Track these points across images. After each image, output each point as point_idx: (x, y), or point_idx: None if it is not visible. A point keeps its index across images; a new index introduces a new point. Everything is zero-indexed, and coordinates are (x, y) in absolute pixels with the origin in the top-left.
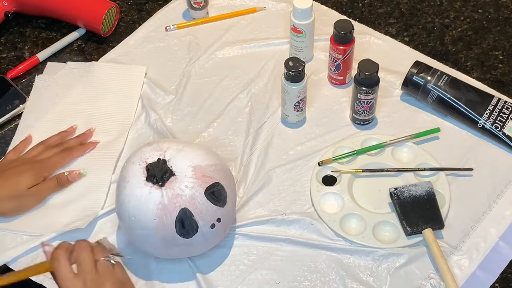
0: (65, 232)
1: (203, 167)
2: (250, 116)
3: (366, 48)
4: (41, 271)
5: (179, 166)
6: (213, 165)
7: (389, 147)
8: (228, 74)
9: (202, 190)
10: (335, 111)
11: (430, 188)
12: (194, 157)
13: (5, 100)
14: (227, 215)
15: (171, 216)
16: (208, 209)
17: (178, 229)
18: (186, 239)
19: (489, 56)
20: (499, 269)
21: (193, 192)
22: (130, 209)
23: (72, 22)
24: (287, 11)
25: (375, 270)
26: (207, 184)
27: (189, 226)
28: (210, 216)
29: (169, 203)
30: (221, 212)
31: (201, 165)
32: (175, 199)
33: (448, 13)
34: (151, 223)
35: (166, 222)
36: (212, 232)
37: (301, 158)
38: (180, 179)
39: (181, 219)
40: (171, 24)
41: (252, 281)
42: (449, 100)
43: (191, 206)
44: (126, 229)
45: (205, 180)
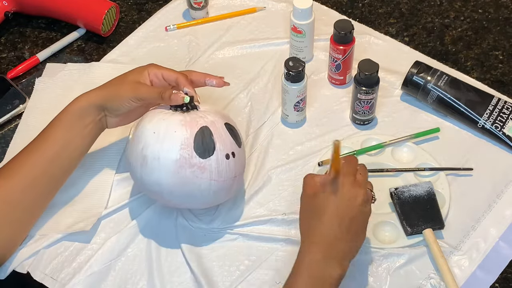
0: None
1: (224, 113)
2: (250, 116)
3: (366, 48)
4: None
5: (202, 107)
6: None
7: (389, 147)
8: (228, 74)
9: (222, 122)
10: (335, 111)
11: (430, 188)
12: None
13: (5, 100)
14: (240, 162)
15: (191, 131)
16: (226, 137)
17: (196, 145)
18: (202, 159)
19: (489, 56)
20: (499, 269)
21: (215, 119)
22: (150, 127)
23: (72, 22)
24: (287, 11)
25: (375, 270)
26: (227, 121)
27: (207, 145)
28: (227, 145)
29: (191, 121)
30: (237, 150)
31: (223, 112)
32: (197, 119)
33: (448, 13)
34: (170, 137)
35: (186, 136)
36: (225, 165)
37: (301, 158)
38: (202, 113)
39: (201, 134)
40: (171, 24)
41: (252, 281)
42: (449, 100)
43: (212, 127)
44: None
45: (226, 118)
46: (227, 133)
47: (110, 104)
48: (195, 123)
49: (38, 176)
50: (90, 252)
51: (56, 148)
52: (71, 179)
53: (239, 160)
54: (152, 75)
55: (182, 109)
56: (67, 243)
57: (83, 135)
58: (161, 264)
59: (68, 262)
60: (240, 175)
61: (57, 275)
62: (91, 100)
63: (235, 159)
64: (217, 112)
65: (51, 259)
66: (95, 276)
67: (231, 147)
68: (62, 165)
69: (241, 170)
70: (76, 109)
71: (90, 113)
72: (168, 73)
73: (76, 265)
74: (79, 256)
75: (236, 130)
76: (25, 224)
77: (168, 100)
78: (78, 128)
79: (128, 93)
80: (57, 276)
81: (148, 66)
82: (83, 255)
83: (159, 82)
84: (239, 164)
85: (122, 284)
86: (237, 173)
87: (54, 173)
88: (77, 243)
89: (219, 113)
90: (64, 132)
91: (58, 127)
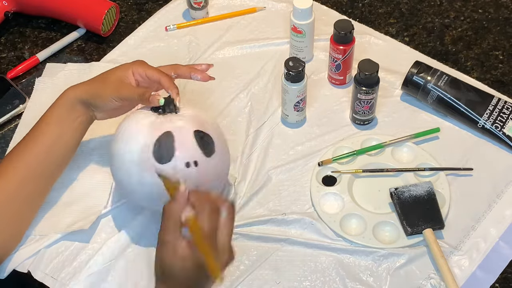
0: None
1: (204, 119)
2: (250, 116)
3: (366, 48)
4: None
5: (183, 110)
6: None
7: (389, 147)
8: (228, 74)
9: (193, 128)
10: (335, 111)
11: (430, 188)
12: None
13: (5, 100)
14: (205, 172)
15: (154, 135)
16: (190, 145)
17: (155, 149)
18: (159, 164)
19: (489, 56)
20: (499, 269)
21: (185, 125)
22: (124, 126)
23: (72, 22)
24: (287, 11)
25: (375, 270)
26: (200, 128)
27: (166, 150)
28: (189, 153)
29: (159, 124)
30: (202, 160)
31: (204, 118)
32: (166, 123)
33: (448, 13)
34: (135, 138)
35: (148, 139)
36: (185, 174)
37: (301, 158)
38: (176, 116)
39: (162, 139)
40: (171, 24)
41: (252, 281)
42: (449, 100)
43: (176, 133)
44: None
45: (200, 124)
46: (193, 141)
47: (93, 101)
48: (161, 127)
49: (33, 170)
50: (90, 251)
51: (49, 142)
52: (71, 179)
53: (204, 170)
54: (136, 75)
55: (158, 111)
56: (67, 242)
57: (74, 128)
58: None
59: (68, 262)
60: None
61: (58, 275)
62: (78, 95)
63: (198, 169)
64: (194, 117)
65: (51, 258)
66: (95, 275)
67: (194, 156)
68: (56, 158)
69: (207, 179)
70: (64, 102)
71: (78, 107)
72: (152, 73)
73: (76, 265)
74: (79, 255)
75: (209, 138)
76: (24, 219)
77: (147, 101)
78: (68, 121)
79: (111, 92)
80: (58, 275)
81: (133, 64)
82: (83, 255)
83: (144, 81)
84: (204, 174)
85: (122, 284)
86: (200, 183)
87: (49, 167)
88: (77, 243)
89: (196, 118)
90: (56, 125)
91: (49, 121)
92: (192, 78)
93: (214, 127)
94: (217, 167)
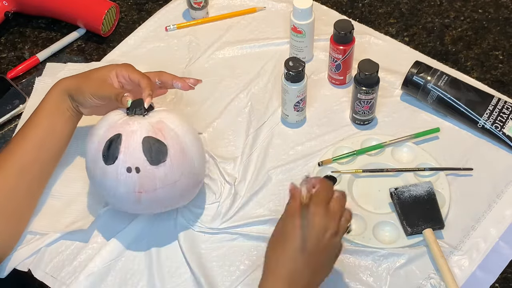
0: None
1: (168, 126)
2: (250, 116)
3: (366, 48)
4: None
5: (155, 114)
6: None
7: (389, 147)
8: (228, 74)
9: (144, 134)
10: (335, 111)
11: (430, 188)
12: (174, 120)
13: (5, 100)
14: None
15: (107, 135)
16: (135, 151)
17: (104, 149)
18: (105, 165)
19: (489, 56)
20: (499, 269)
21: (139, 129)
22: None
23: (72, 22)
24: (287, 11)
25: (375, 270)
26: (154, 136)
27: (112, 152)
28: (132, 158)
29: (119, 125)
30: (146, 168)
31: (169, 125)
32: (124, 125)
33: (448, 13)
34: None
35: (102, 138)
36: (125, 177)
37: (301, 158)
38: (139, 119)
39: (111, 140)
40: (171, 24)
41: (252, 281)
42: (449, 100)
43: (125, 137)
44: None
45: (157, 131)
46: (139, 147)
47: (75, 96)
48: (117, 128)
49: (28, 163)
50: (90, 251)
51: (42, 134)
52: (71, 178)
53: (148, 177)
54: (120, 77)
55: (127, 112)
56: (68, 242)
57: (65, 120)
58: (161, 264)
59: (69, 261)
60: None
61: (58, 274)
62: (64, 87)
63: (140, 175)
64: (157, 122)
65: (52, 257)
66: (95, 275)
67: (137, 162)
68: (50, 150)
69: (151, 187)
70: (55, 95)
71: (66, 99)
72: (134, 75)
73: (76, 264)
74: (79, 255)
75: (162, 147)
76: (22, 214)
77: (120, 102)
78: (59, 113)
79: (90, 89)
80: (58, 274)
81: (119, 66)
82: (83, 254)
83: (127, 83)
84: (149, 181)
85: (122, 284)
86: (142, 189)
87: (44, 159)
88: (78, 242)
89: (157, 124)
90: (48, 118)
91: (41, 114)
92: (174, 86)
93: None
94: (167, 176)
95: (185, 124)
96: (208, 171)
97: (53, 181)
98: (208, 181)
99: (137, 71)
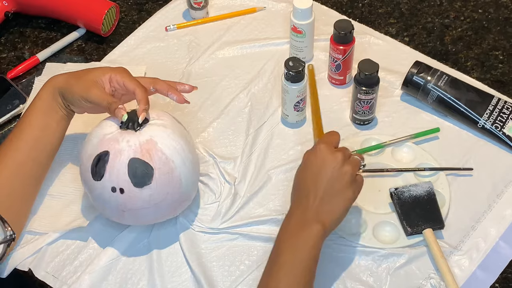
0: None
1: (156, 147)
2: (250, 116)
3: (366, 48)
4: None
5: (147, 131)
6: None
7: (389, 147)
8: (228, 74)
9: (131, 155)
10: (335, 111)
11: (430, 188)
12: (164, 137)
13: (5, 100)
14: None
15: (98, 149)
16: (120, 171)
17: (93, 164)
18: (93, 179)
19: (489, 56)
20: (499, 269)
21: (126, 149)
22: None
23: (72, 22)
24: (287, 11)
25: (375, 270)
26: (141, 158)
27: (99, 169)
28: (117, 179)
29: (110, 140)
30: (130, 189)
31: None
32: (113, 142)
33: (448, 13)
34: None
35: (93, 151)
36: (109, 196)
37: (301, 158)
38: (132, 136)
39: (99, 157)
40: (171, 24)
41: (252, 281)
42: (449, 100)
43: (113, 155)
44: None
45: (145, 152)
46: (125, 169)
47: (65, 95)
48: (107, 143)
49: (23, 162)
50: (91, 251)
51: (36, 132)
52: (70, 178)
53: (132, 198)
54: (114, 82)
55: (120, 125)
56: (68, 241)
57: (58, 119)
58: (161, 264)
59: (70, 261)
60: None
61: (59, 274)
62: (55, 85)
63: (124, 196)
64: (147, 141)
65: (53, 257)
66: (96, 275)
67: (121, 183)
68: (44, 149)
69: (134, 207)
70: (46, 93)
71: (57, 97)
72: (129, 84)
73: (77, 264)
74: (80, 254)
75: (149, 169)
76: (19, 213)
77: (112, 113)
78: (51, 111)
79: (80, 91)
80: (59, 274)
81: (113, 70)
82: (84, 254)
83: (121, 89)
84: (132, 202)
85: (123, 284)
86: (126, 208)
87: (38, 157)
88: (78, 242)
89: (147, 143)
90: (40, 116)
91: (34, 112)
92: (169, 97)
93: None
94: (152, 197)
95: (177, 140)
96: (208, 171)
97: (52, 181)
98: (208, 180)
99: (133, 78)
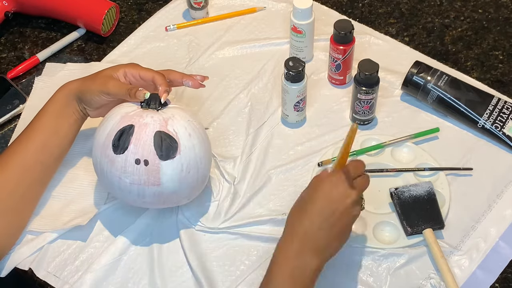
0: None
1: (180, 123)
2: (250, 116)
3: (366, 48)
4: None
5: (169, 110)
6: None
7: (389, 147)
8: (228, 74)
9: (156, 128)
10: (335, 111)
11: (430, 188)
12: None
13: (5, 100)
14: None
15: (120, 124)
16: (146, 143)
17: (115, 138)
18: (113, 153)
19: (489, 56)
20: (499, 269)
21: (151, 123)
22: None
23: (72, 22)
24: (287, 11)
25: (375, 270)
26: (166, 131)
27: (122, 142)
28: (143, 150)
29: (132, 116)
30: (156, 162)
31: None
32: (138, 118)
33: (448, 13)
34: (106, 123)
35: (113, 126)
36: (133, 168)
37: (301, 158)
38: (154, 114)
39: (123, 131)
40: (171, 24)
41: (252, 281)
42: (449, 100)
43: (138, 128)
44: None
45: (169, 128)
46: (151, 140)
47: (83, 96)
48: (130, 119)
49: (30, 164)
50: (92, 250)
51: (45, 136)
52: (70, 178)
53: (154, 171)
54: (129, 76)
55: (141, 104)
56: (69, 241)
57: (70, 123)
58: (162, 263)
59: (71, 260)
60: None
61: (60, 273)
62: (72, 90)
63: (148, 168)
64: (170, 118)
65: (54, 256)
66: (97, 274)
67: (147, 155)
68: (52, 153)
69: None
70: (61, 97)
71: (72, 102)
72: (145, 73)
73: (78, 263)
74: (81, 254)
75: (173, 143)
76: (22, 213)
77: (134, 96)
78: (64, 117)
79: (98, 87)
80: (60, 274)
81: (126, 66)
82: (85, 253)
83: (137, 82)
84: (154, 175)
85: (124, 283)
86: (148, 182)
87: (46, 161)
88: (79, 241)
89: (170, 120)
90: (52, 120)
91: (46, 116)
92: (184, 84)
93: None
94: (174, 172)
95: (196, 123)
96: None
97: (55, 183)
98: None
99: (147, 68)
